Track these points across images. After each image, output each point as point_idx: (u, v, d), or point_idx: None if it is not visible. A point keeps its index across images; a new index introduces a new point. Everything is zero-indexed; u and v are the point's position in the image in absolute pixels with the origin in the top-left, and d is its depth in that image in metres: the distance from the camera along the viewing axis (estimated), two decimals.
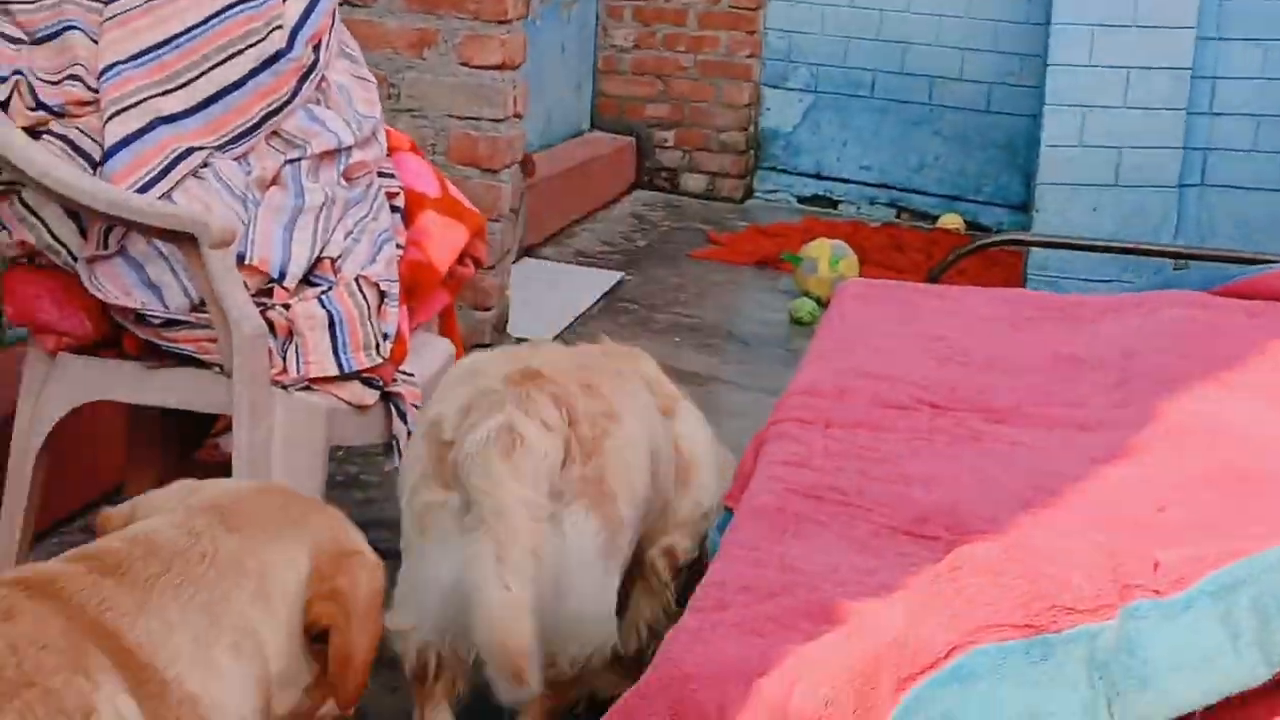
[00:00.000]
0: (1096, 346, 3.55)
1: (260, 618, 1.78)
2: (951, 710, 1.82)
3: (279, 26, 3.09)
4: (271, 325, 2.96)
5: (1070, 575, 1.89)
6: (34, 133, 2.98)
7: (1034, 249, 6.75)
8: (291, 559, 1.84)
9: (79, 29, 2.98)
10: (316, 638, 1.86)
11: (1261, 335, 3.54)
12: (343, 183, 3.14)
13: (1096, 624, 1.85)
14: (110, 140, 2.94)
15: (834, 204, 8.42)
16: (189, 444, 3.62)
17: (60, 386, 3.09)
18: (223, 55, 3.02)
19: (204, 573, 1.75)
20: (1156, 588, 1.88)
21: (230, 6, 3.05)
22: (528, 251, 6.46)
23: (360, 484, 4.34)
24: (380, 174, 3.29)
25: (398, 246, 3.23)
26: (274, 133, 3.08)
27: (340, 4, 3.40)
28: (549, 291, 6.06)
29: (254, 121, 3.05)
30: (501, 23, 4.71)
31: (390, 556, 3.82)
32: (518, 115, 4.93)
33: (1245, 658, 1.77)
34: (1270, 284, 3.93)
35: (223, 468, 3.06)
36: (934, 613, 1.90)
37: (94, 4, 2.98)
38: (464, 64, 4.74)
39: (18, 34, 2.99)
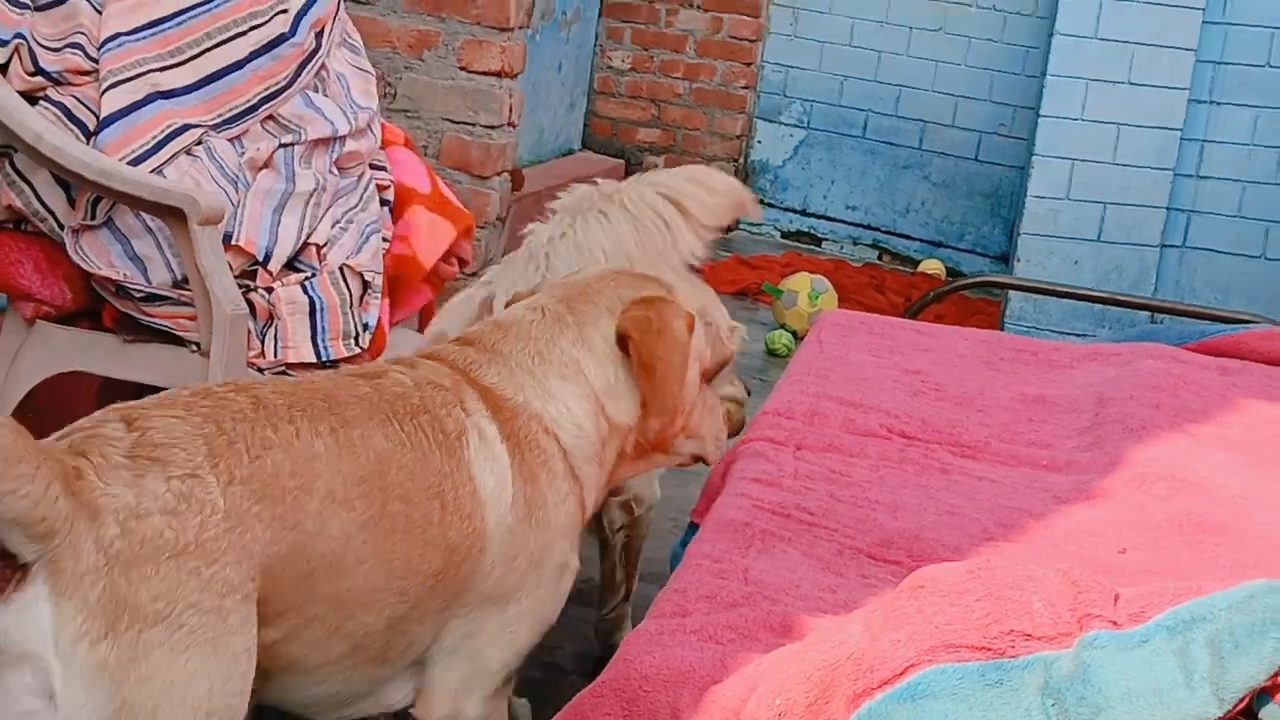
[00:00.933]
0: (1070, 391, 3.58)
1: (580, 352, 2.37)
2: None
3: (283, 10, 3.11)
4: (252, 307, 2.96)
5: (1031, 601, 1.90)
6: (30, 98, 2.99)
7: (1012, 298, 6.79)
8: (608, 308, 2.41)
9: None
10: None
11: (1234, 393, 3.57)
12: (334, 171, 3.15)
13: (1053, 652, 1.86)
14: (106, 111, 2.95)
15: (818, 241, 8.45)
16: None
17: (36, 354, 3.09)
18: (225, 35, 3.03)
19: (535, 331, 2.38)
20: (1115, 619, 1.89)
21: None
22: None
23: None
24: (372, 166, 3.30)
25: (384, 239, 3.24)
26: (270, 116, 3.09)
27: None
28: None
29: (251, 103, 3.05)
30: (503, 30, 4.72)
31: None
32: (512, 124, 4.94)
33: (1197, 693, 1.78)
34: (1245, 343, 3.97)
35: None
36: (893, 629, 1.91)
37: None
38: (463, 68, 4.75)
39: None
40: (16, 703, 1.66)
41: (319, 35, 3.19)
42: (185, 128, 2.98)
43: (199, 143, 3.00)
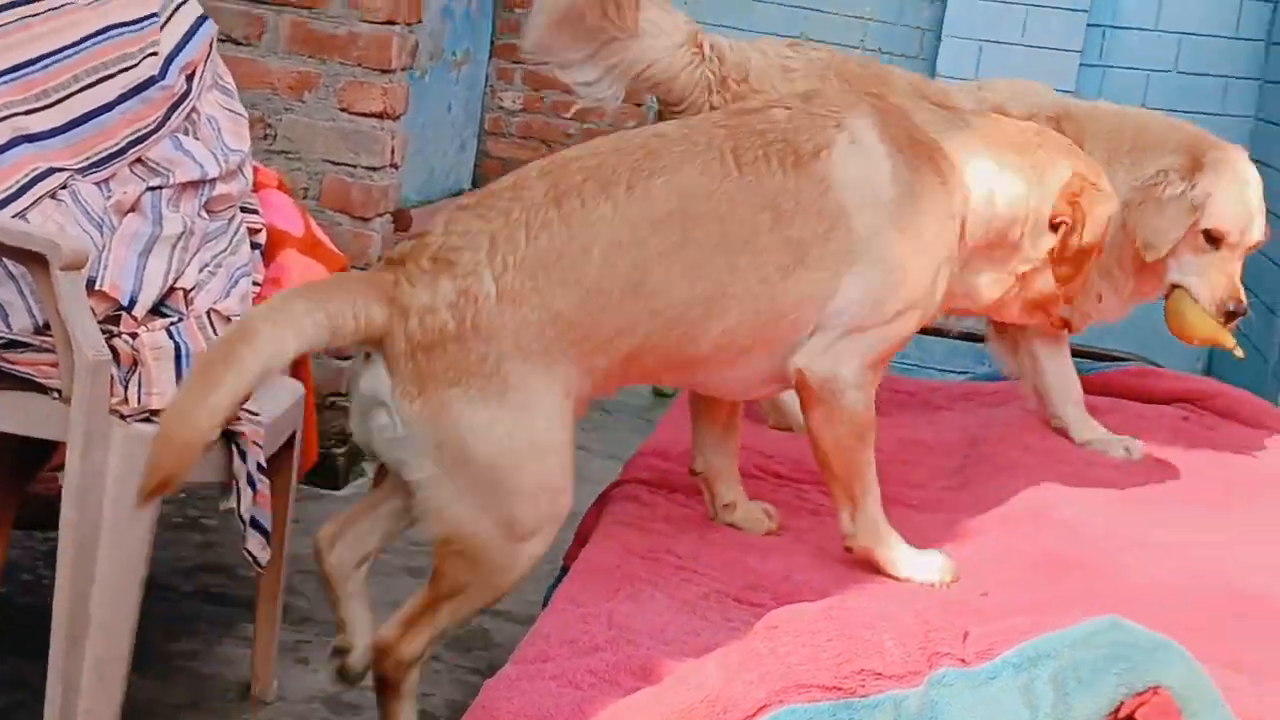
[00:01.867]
0: (944, 432, 3.62)
1: (1031, 174, 2.70)
2: None
3: (153, 53, 3.08)
4: (116, 353, 2.91)
5: (883, 640, 1.92)
6: None
7: None
8: (1067, 163, 2.73)
9: None
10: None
11: None
12: (204, 214, 3.12)
13: (903, 690, 1.88)
14: None
15: None
16: (23, 475, 3.54)
17: None
18: (93, 77, 3.00)
19: (1007, 129, 2.78)
20: (963, 656, 1.92)
21: (108, 29, 3.03)
22: None
23: (200, 527, 4.28)
24: (244, 209, 3.27)
25: (255, 283, 3.21)
26: (138, 159, 3.05)
27: (222, 40, 3.38)
28: None
29: (119, 146, 3.02)
30: (385, 71, 4.71)
31: (227, 602, 3.78)
32: (394, 165, 4.92)
33: None
34: (1119, 380, 4.03)
35: (58, 501, 2.98)
36: (747, 670, 1.92)
37: None
38: (344, 109, 4.73)
39: None
40: (378, 423, 2.33)
41: (189, 78, 3.17)
42: (50, 171, 2.94)
43: (64, 186, 2.96)
